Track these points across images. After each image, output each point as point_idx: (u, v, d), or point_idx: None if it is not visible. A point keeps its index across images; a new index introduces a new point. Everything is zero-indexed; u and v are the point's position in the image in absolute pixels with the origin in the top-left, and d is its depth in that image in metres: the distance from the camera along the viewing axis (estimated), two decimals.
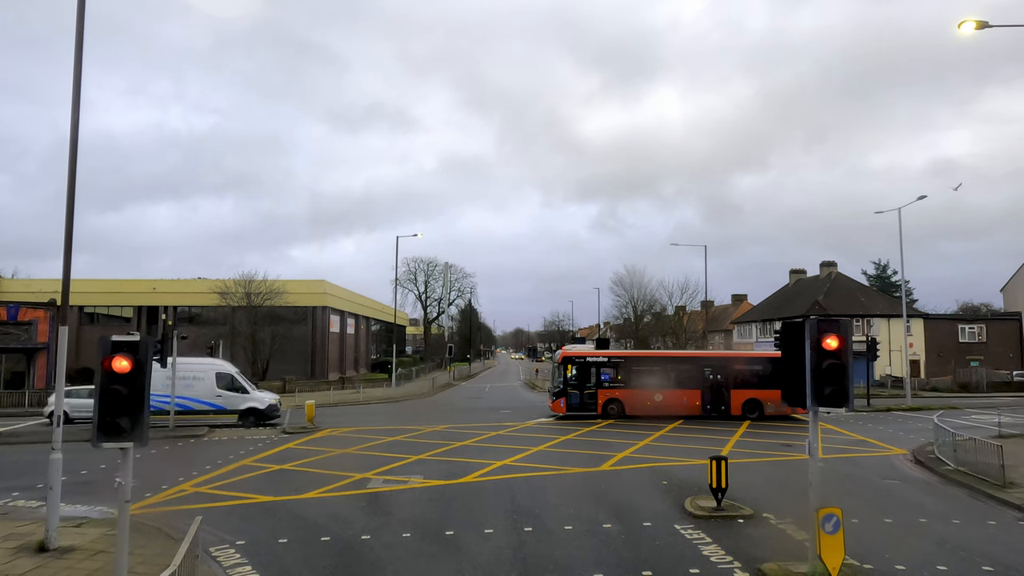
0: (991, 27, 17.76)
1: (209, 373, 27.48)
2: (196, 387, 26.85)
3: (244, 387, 27.81)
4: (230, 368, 28.71)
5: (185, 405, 26.32)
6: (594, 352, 32.84)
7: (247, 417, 27.13)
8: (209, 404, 26.87)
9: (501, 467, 17.94)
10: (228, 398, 27.29)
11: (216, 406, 27.05)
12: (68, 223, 10.97)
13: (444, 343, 74.81)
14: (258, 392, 28.45)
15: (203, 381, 27.11)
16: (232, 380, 27.76)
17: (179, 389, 25.91)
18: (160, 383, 24.42)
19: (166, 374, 24.98)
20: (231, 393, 27.41)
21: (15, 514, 13.06)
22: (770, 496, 14.22)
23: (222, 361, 30.69)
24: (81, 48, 11.04)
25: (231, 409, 27.22)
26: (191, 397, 26.57)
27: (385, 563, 10.05)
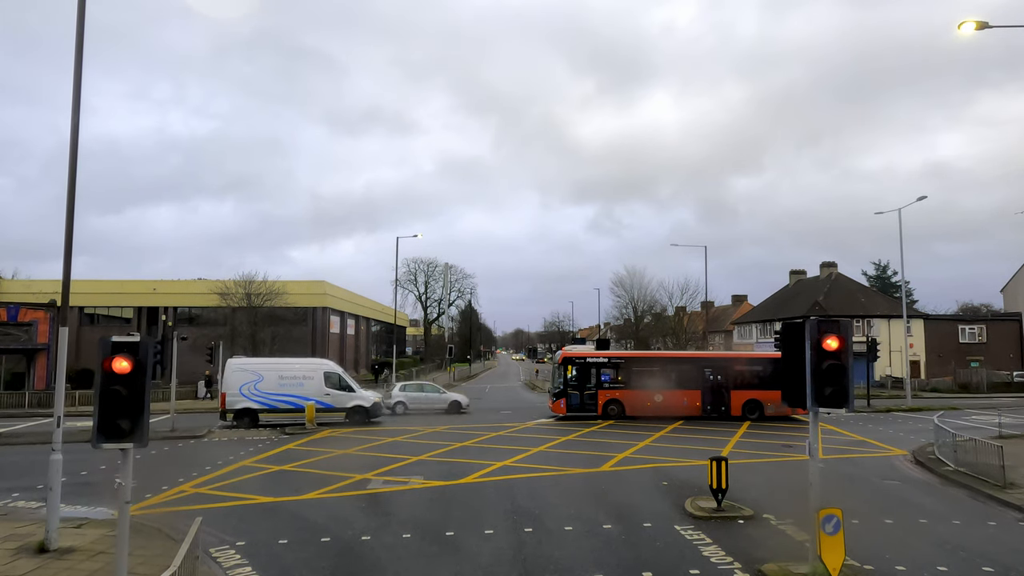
0: (991, 27, 17.76)
1: (318, 372, 28.26)
2: (307, 386, 27.62)
3: (350, 386, 28.43)
4: (337, 368, 29.55)
5: (295, 403, 27.22)
6: (594, 353, 32.84)
7: (354, 415, 27.74)
8: (319, 402, 27.31)
9: (501, 468, 17.94)
10: (336, 396, 27.78)
11: (325, 404, 27.53)
12: (68, 224, 10.98)
13: (444, 344, 74.75)
14: (363, 391, 28.94)
15: (313, 380, 27.83)
16: (339, 379, 28.40)
17: (291, 388, 27.40)
18: (274, 384, 27.37)
19: (280, 374, 27.63)
20: (339, 392, 27.93)
21: (15, 515, 13.06)
22: (770, 497, 14.21)
23: (329, 361, 31.95)
24: (81, 51, 11.05)
25: (339, 407, 27.73)
26: (303, 395, 27.29)
27: (385, 564, 10.05)
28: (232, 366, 28.33)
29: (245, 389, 27.38)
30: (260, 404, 27.34)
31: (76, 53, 11.03)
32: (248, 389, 27.39)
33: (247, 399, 27.26)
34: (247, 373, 27.72)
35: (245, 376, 27.59)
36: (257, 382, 27.55)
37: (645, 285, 68.80)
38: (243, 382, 27.49)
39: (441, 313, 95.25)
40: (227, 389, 27.62)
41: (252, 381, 27.55)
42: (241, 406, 27.22)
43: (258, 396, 27.32)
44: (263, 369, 28.16)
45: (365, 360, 72.97)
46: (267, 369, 28.14)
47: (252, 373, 27.76)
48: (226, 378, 28.04)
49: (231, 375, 27.83)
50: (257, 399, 27.32)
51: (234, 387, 27.50)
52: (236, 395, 27.33)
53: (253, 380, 27.55)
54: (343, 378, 28.63)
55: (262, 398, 27.33)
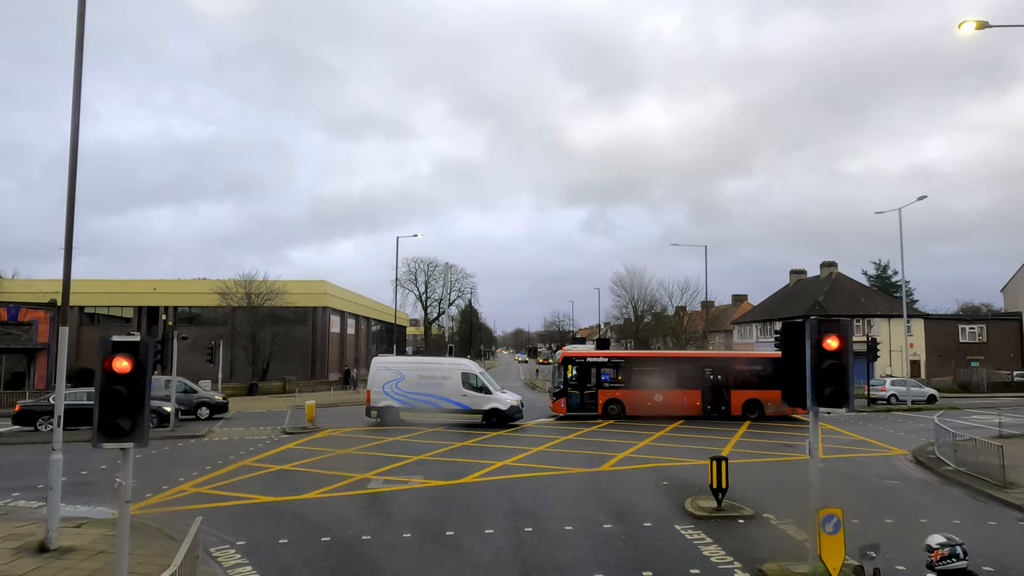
0: (991, 27, 17.75)
1: (455, 372, 27.98)
2: (444, 386, 27.51)
3: (487, 387, 27.73)
4: (474, 368, 28.96)
5: (434, 403, 27.27)
6: (594, 352, 32.83)
7: (490, 417, 27.05)
8: (456, 403, 27.25)
9: (501, 467, 17.94)
10: (473, 398, 27.38)
11: (462, 405, 27.27)
12: (68, 224, 11.00)
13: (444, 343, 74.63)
14: (501, 393, 28.07)
15: (450, 380, 27.63)
16: (476, 380, 27.85)
17: (429, 388, 27.52)
18: (414, 383, 27.64)
19: (420, 373, 27.89)
20: (476, 393, 27.49)
21: (15, 514, 13.07)
22: (770, 496, 14.21)
23: (468, 361, 31.60)
24: (81, 55, 11.06)
25: (475, 409, 27.22)
26: (441, 396, 27.32)
27: (385, 563, 10.05)
28: (376, 364, 29.13)
29: (388, 387, 27.75)
30: (401, 403, 27.54)
31: (76, 55, 11.05)
32: (390, 387, 27.75)
33: (389, 397, 27.64)
34: (389, 372, 28.19)
35: (387, 375, 28.04)
36: (398, 381, 27.83)
37: (645, 285, 68.84)
38: (386, 380, 27.91)
39: (441, 313, 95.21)
40: (372, 387, 28.16)
41: (394, 380, 27.88)
42: (383, 404, 27.62)
43: (399, 395, 27.58)
44: (405, 368, 28.52)
45: (365, 360, 72.97)
46: (408, 368, 28.45)
47: (394, 372, 28.16)
48: (371, 376, 28.72)
49: (375, 373, 28.44)
50: (398, 398, 27.62)
51: (378, 385, 27.98)
52: (379, 393, 27.79)
53: (395, 379, 27.89)
54: (479, 379, 27.93)
55: (403, 397, 27.56)
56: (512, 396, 28.54)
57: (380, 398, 27.74)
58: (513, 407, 27.42)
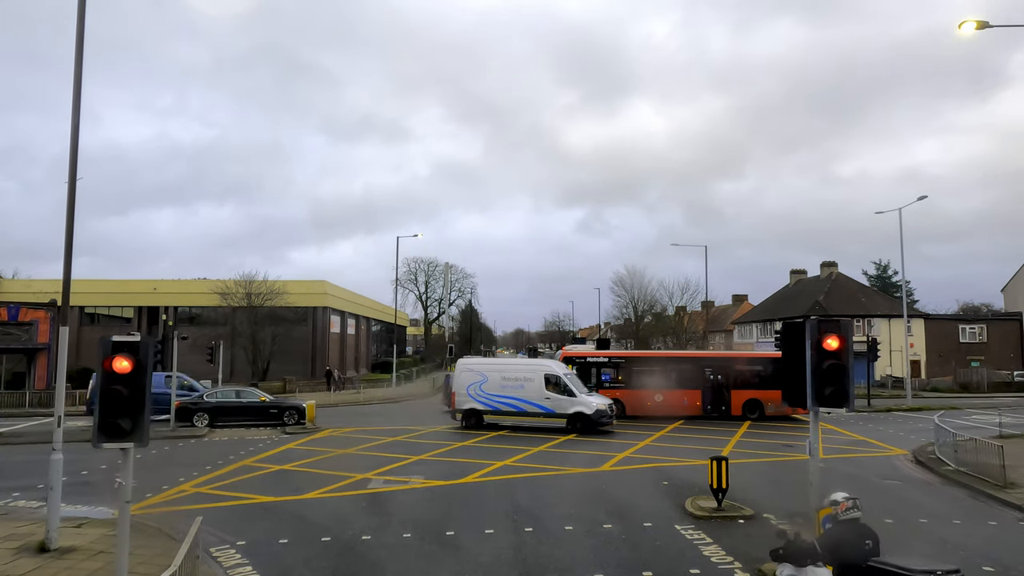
0: (991, 27, 17.75)
1: (538, 374, 26.40)
2: (527, 388, 26.09)
3: (571, 390, 25.68)
4: (558, 369, 27.09)
5: (517, 406, 26.00)
6: (595, 352, 32.86)
7: (575, 422, 25.01)
8: (538, 406, 25.71)
9: (501, 467, 17.94)
10: (556, 401, 25.59)
11: (545, 409, 25.64)
12: (69, 224, 11.00)
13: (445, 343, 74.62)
14: (586, 396, 25.85)
15: (533, 383, 26.09)
16: (559, 382, 25.92)
17: (512, 390, 26.20)
18: (497, 385, 26.34)
19: (503, 375, 26.54)
20: (559, 396, 25.64)
21: (16, 514, 13.07)
22: (771, 496, 14.22)
23: (553, 362, 29.45)
24: (80, 56, 11.07)
25: (559, 413, 25.40)
26: (523, 398, 25.86)
27: (385, 563, 10.06)
28: (461, 366, 28.09)
29: (471, 389, 26.67)
30: (484, 405, 26.45)
31: (76, 57, 11.06)
32: (474, 390, 26.70)
33: (473, 400, 26.59)
34: (473, 373, 27.09)
35: (471, 376, 26.94)
36: (482, 383, 26.70)
37: (645, 285, 68.79)
38: (470, 382, 26.80)
39: (441, 313, 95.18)
40: (456, 389, 27.15)
41: (478, 382, 26.78)
42: (467, 406, 26.61)
43: (482, 397, 26.45)
44: (488, 369, 27.39)
45: (365, 360, 73.00)
46: (492, 370, 27.31)
47: (478, 373, 27.04)
48: (455, 377, 27.70)
49: (460, 375, 27.40)
50: (481, 400, 26.53)
51: (462, 387, 26.92)
52: (464, 395, 26.73)
53: (478, 381, 26.78)
54: (563, 380, 25.94)
55: (486, 399, 26.44)
56: (599, 399, 26.15)
57: (464, 400, 26.63)
58: (600, 411, 25.08)
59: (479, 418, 26.45)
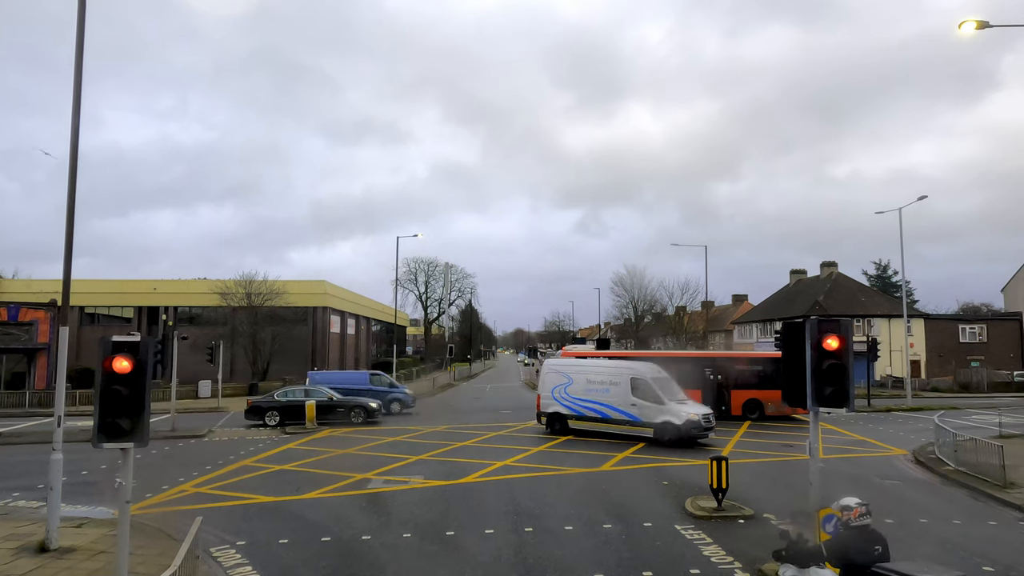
0: (991, 27, 17.75)
1: (624, 377, 23.64)
2: (612, 393, 23.52)
3: (659, 396, 22.60)
4: (648, 373, 23.80)
5: (601, 412, 23.68)
6: (595, 352, 32.89)
7: (662, 434, 21.95)
8: (624, 413, 23.04)
9: (502, 467, 17.94)
10: (642, 408, 22.66)
11: (630, 416, 22.83)
12: (69, 224, 11.01)
13: (445, 343, 74.66)
14: (676, 404, 22.52)
15: (618, 387, 23.51)
16: (647, 387, 22.95)
17: (597, 394, 23.86)
18: (582, 388, 24.17)
19: (588, 377, 24.44)
20: (645, 403, 22.68)
21: (16, 514, 13.08)
22: (771, 496, 14.23)
23: (640, 363, 25.57)
24: (80, 57, 11.08)
25: (645, 422, 22.48)
26: (607, 404, 23.41)
27: (385, 563, 10.06)
28: (547, 366, 26.43)
29: (557, 392, 24.81)
30: (569, 409, 24.44)
31: (76, 58, 11.07)
32: (559, 392, 24.81)
33: (557, 403, 24.72)
34: (559, 375, 25.16)
35: (556, 378, 25.10)
36: (567, 385, 24.69)
37: (645, 285, 68.90)
38: (555, 384, 24.96)
39: (441, 313, 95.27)
40: (541, 391, 25.56)
41: (563, 384, 24.83)
42: (552, 410, 24.82)
43: (567, 401, 24.49)
44: (574, 371, 25.20)
45: (366, 360, 72.99)
46: (577, 371, 25.06)
47: (563, 375, 25.04)
48: (541, 378, 26.13)
49: (545, 376, 25.82)
50: (566, 403, 24.56)
51: (547, 389, 25.22)
52: (548, 398, 25.01)
53: (564, 383, 24.81)
54: (651, 386, 22.89)
55: (570, 403, 24.42)
56: (693, 408, 22.51)
57: (549, 403, 24.86)
58: (691, 421, 21.69)
59: (563, 423, 24.47)
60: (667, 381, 23.66)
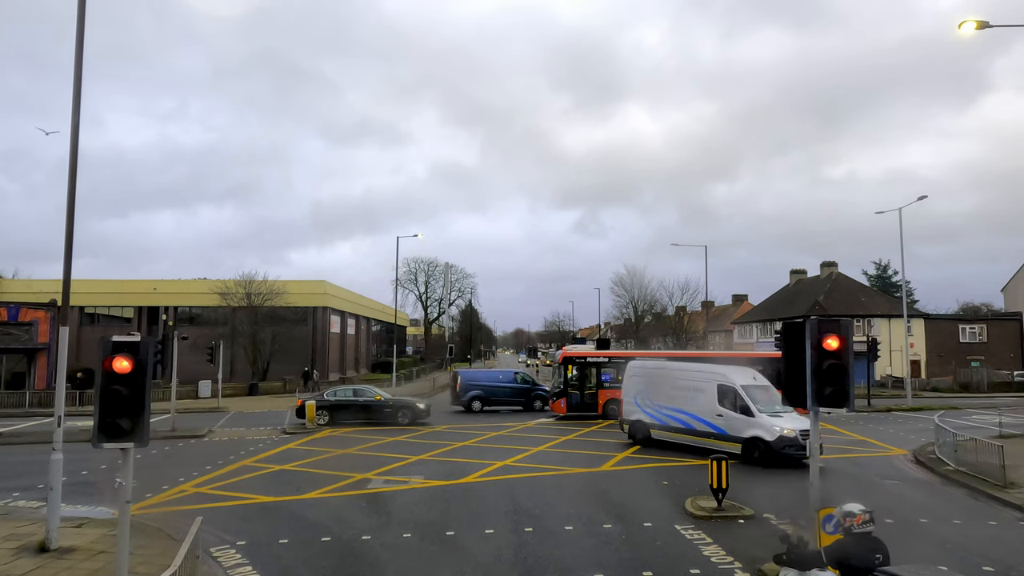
0: (991, 27, 17.74)
1: (711, 383, 20.43)
2: (698, 401, 20.56)
3: (748, 406, 19.04)
4: (736, 378, 20.16)
5: (684, 421, 20.74)
6: (595, 352, 32.83)
7: (751, 450, 18.57)
8: (709, 425, 19.98)
9: (502, 467, 17.94)
10: (729, 420, 19.46)
11: (716, 428, 19.62)
12: (69, 224, 11.01)
13: (445, 343, 74.61)
14: (768, 416, 18.74)
15: (704, 394, 20.47)
16: (735, 396, 19.52)
17: (680, 401, 21.04)
18: (665, 394, 21.59)
19: (672, 383, 21.72)
20: (733, 413, 19.41)
21: (16, 514, 13.08)
22: (771, 496, 14.21)
23: (729, 368, 21.82)
24: (80, 58, 11.09)
25: (732, 436, 19.12)
26: (690, 413, 20.49)
27: (385, 563, 10.06)
28: (630, 369, 24.03)
29: (640, 398, 22.44)
30: (651, 418, 21.88)
31: (76, 58, 11.08)
32: (643, 398, 22.37)
33: (640, 410, 22.27)
34: (640, 379, 22.95)
35: (639, 382, 22.88)
36: (649, 391, 22.40)
37: (645, 285, 68.86)
38: (637, 389, 22.72)
39: (441, 313, 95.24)
40: (625, 396, 23.34)
41: (645, 389, 22.49)
42: (634, 417, 22.42)
43: (650, 408, 21.96)
44: (656, 375, 22.74)
45: (366, 360, 73.00)
46: (660, 375, 22.53)
47: (645, 379, 22.81)
48: (624, 382, 23.97)
49: (628, 380, 23.60)
50: (648, 411, 22.03)
51: (630, 395, 22.94)
52: (631, 404, 22.73)
53: (646, 388, 22.51)
54: (740, 395, 19.37)
55: (654, 410, 21.83)
56: (789, 420, 18.46)
57: (631, 410, 22.59)
58: (785, 438, 18.00)
59: (646, 433, 21.91)
60: (763, 389, 20.15)
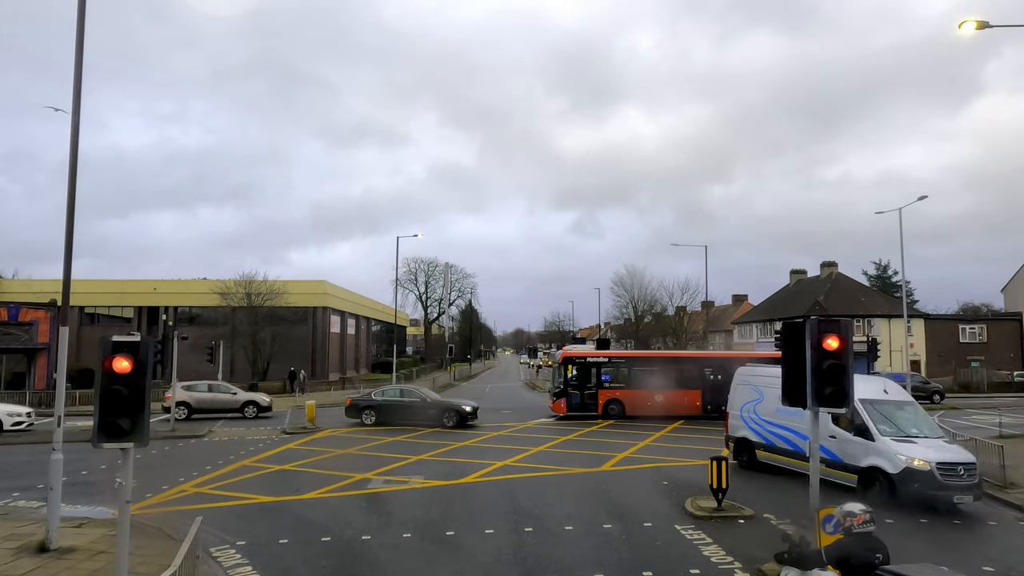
0: (991, 27, 17.73)
1: None
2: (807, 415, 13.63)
3: (867, 427, 14.60)
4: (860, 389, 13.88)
5: (791, 441, 16.43)
6: (595, 352, 32.88)
7: (869, 482, 14.07)
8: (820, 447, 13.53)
9: (502, 467, 17.94)
10: (844, 443, 14.98)
11: (827, 453, 14.56)
12: (68, 224, 11.00)
13: (445, 343, 74.66)
14: (891, 441, 14.19)
15: None
16: (852, 413, 14.57)
17: (788, 417, 16.07)
18: (772, 407, 16.29)
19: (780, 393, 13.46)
20: (849, 436, 14.94)
21: (16, 514, 13.07)
22: (771, 497, 14.23)
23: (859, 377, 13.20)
24: (80, 58, 11.09)
25: (846, 463, 14.76)
26: (800, 432, 15.77)
27: (385, 563, 10.06)
28: (739, 376, 19.38)
29: (746, 411, 18.28)
30: (757, 435, 17.72)
31: (76, 59, 11.08)
32: (749, 412, 18.20)
33: (746, 426, 18.16)
34: (749, 388, 18.53)
35: (747, 392, 18.55)
36: (757, 402, 17.94)
37: (645, 285, 68.82)
38: (745, 400, 18.46)
39: (441, 313, 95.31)
40: (731, 408, 19.15)
41: (753, 401, 18.16)
42: (740, 435, 18.27)
43: (756, 423, 17.86)
44: (765, 383, 17.41)
45: (366, 360, 73.00)
46: (769, 384, 16.65)
47: (754, 388, 18.25)
48: (732, 392, 19.48)
49: (736, 389, 19.22)
50: (755, 427, 17.89)
51: (737, 407, 18.79)
52: (737, 418, 18.61)
53: (754, 399, 18.13)
54: (859, 412, 14.64)
55: (760, 427, 17.70)
56: (925, 449, 13.89)
57: (737, 426, 18.50)
58: (913, 472, 13.40)
59: (751, 453, 17.87)
60: (895, 406, 15.44)
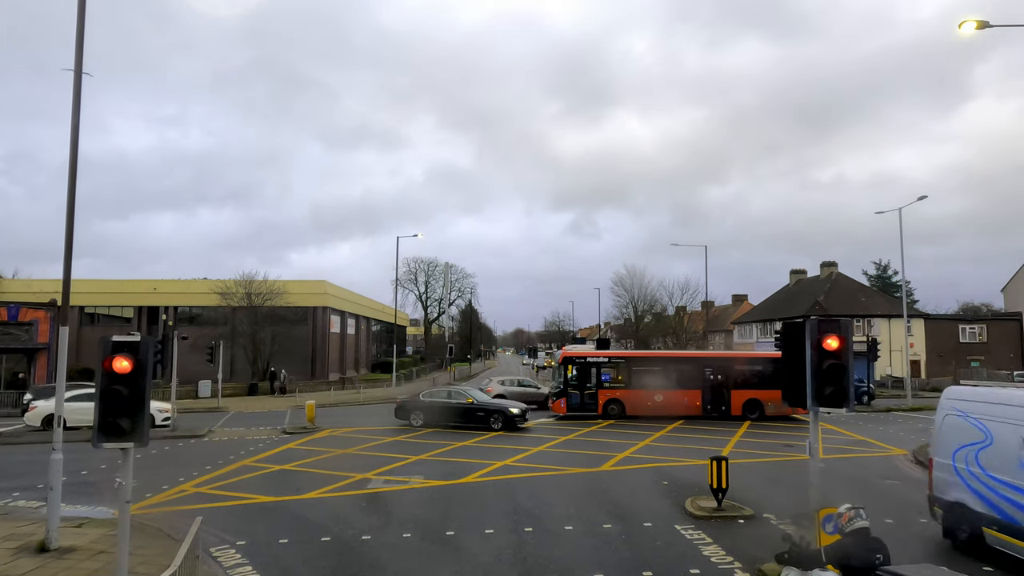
0: (991, 27, 17.73)
1: None
2: None
3: None
4: None
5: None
6: (595, 352, 32.87)
7: None
8: None
9: (501, 467, 17.94)
10: None
11: None
12: (69, 224, 11.00)
13: (444, 343, 74.58)
14: None
15: None
16: None
17: None
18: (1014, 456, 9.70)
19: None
20: None
21: (16, 514, 13.07)
22: (771, 496, 14.22)
23: None
24: (80, 59, 11.09)
25: None
26: None
27: (385, 563, 10.06)
28: (946, 402, 11.77)
29: (962, 460, 10.83)
30: (984, 502, 10.22)
31: (76, 58, 11.09)
32: (969, 461, 10.70)
33: (964, 485, 10.65)
34: (968, 422, 10.90)
35: (964, 430, 10.93)
36: (984, 446, 10.50)
37: (645, 285, 68.81)
38: (962, 443, 10.91)
39: (441, 312, 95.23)
40: (937, 454, 11.65)
41: (976, 445, 10.65)
42: (954, 497, 10.83)
43: (981, 483, 10.33)
44: (997, 413, 10.39)
45: (366, 360, 72.99)
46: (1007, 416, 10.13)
47: (977, 425, 10.71)
48: (937, 427, 11.82)
49: (944, 421, 11.60)
50: (976, 487, 10.41)
51: (947, 451, 11.30)
52: (948, 470, 11.08)
53: (978, 443, 10.62)
54: None
55: (988, 489, 10.18)
56: None
57: (950, 481, 10.98)
58: None
59: (975, 530, 10.35)
60: None
